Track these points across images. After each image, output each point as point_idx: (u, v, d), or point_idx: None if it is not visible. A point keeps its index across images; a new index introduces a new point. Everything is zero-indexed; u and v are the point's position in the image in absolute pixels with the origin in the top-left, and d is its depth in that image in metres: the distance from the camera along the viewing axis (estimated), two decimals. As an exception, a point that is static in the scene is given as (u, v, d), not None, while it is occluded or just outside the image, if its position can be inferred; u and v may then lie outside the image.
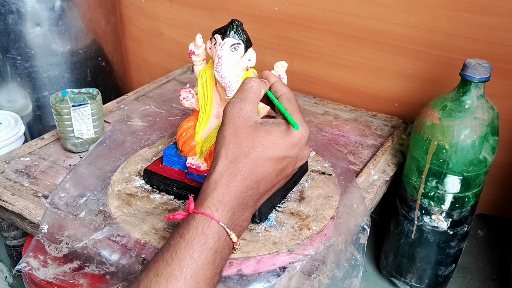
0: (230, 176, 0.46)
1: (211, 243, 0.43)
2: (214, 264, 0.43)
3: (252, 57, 0.61)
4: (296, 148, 0.48)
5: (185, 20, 1.27)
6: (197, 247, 0.43)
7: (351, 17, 1.03)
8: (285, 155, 0.47)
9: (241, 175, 0.46)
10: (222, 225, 0.44)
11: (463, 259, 1.06)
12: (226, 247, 0.45)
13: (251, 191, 0.46)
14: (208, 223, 0.44)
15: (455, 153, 0.77)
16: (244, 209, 0.46)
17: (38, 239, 0.64)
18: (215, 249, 0.44)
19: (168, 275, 0.42)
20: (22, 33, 1.13)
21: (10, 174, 0.82)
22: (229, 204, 0.45)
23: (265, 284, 0.59)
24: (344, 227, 0.67)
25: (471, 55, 0.83)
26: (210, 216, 0.44)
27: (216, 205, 0.45)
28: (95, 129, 0.87)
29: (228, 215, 0.45)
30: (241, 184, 0.45)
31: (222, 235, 0.44)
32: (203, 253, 0.43)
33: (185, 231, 0.44)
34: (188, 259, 0.43)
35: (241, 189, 0.45)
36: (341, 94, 1.13)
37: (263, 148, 0.46)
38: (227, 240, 0.45)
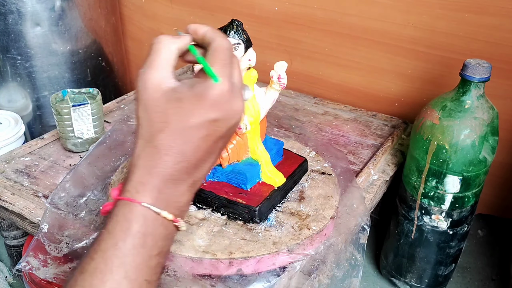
0: (148, 155, 0.42)
1: (135, 227, 0.40)
2: (145, 247, 0.40)
3: (252, 57, 0.61)
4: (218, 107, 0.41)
5: (185, 20, 1.27)
6: (119, 235, 0.40)
7: (351, 17, 1.03)
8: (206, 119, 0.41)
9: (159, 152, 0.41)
10: (145, 205, 0.40)
11: (463, 259, 1.06)
12: (159, 227, 0.41)
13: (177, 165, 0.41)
14: (129, 206, 0.41)
15: (455, 153, 0.77)
16: (175, 184, 0.42)
17: (38, 238, 0.64)
18: (142, 232, 0.40)
19: (92, 270, 0.39)
20: (22, 33, 1.13)
21: (10, 174, 0.82)
22: (151, 183, 0.41)
23: (265, 284, 0.59)
24: (344, 227, 0.67)
25: (471, 55, 0.83)
26: (130, 199, 0.41)
27: (136, 187, 0.41)
28: (95, 129, 0.87)
29: (152, 194, 0.41)
30: (161, 161, 0.41)
31: (149, 215, 0.41)
32: (128, 239, 0.40)
33: (108, 221, 0.42)
34: (111, 250, 0.40)
35: (163, 165, 0.41)
36: (341, 94, 1.13)
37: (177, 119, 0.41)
38: (159, 219, 0.41)
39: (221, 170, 0.66)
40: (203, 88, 0.41)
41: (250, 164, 0.66)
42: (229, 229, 0.63)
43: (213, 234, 0.62)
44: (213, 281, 0.59)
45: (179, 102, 0.41)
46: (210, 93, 0.40)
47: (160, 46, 0.44)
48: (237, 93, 0.42)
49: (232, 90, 0.41)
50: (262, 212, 0.64)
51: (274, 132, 0.95)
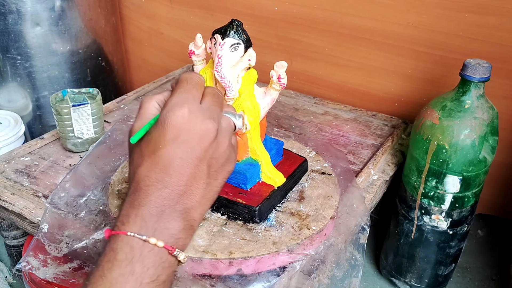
0: (132, 191, 0.44)
1: (121, 255, 0.41)
2: (134, 274, 0.40)
3: (252, 57, 0.61)
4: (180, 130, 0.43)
5: (185, 20, 1.27)
6: (106, 265, 0.41)
7: (351, 17, 1.03)
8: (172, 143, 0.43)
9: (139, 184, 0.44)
10: (130, 234, 0.41)
11: (463, 259, 1.06)
12: (147, 254, 0.41)
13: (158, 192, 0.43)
14: (115, 238, 0.42)
15: (455, 153, 0.77)
16: (161, 211, 0.43)
17: (38, 238, 0.64)
18: (129, 260, 0.41)
19: None
20: (22, 33, 1.13)
21: (10, 174, 0.82)
22: (134, 214, 0.43)
23: (265, 284, 0.59)
24: (344, 227, 0.67)
25: (471, 55, 0.83)
26: (116, 232, 0.42)
27: (122, 220, 0.43)
28: (95, 129, 0.87)
29: (136, 224, 0.42)
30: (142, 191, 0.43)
31: (135, 243, 0.41)
32: (114, 268, 0.40)
33: (98, 257, 0.43)
34: (99, 281, 0.40)
35: (143, 196, 0.43)
36: (341, 94, 1.13)
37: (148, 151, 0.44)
38: (146, 246, 0.41)
39: (221, 170, 0.66)
40: (163, 116, 0.43)
41: (250, 164, 0.66)
42: (229, 229, 0.63)
43: (213, 234, 0.62)
44: (213, 281, 0.59)
45: (149, 135, 0.44)
46: (170, 119, 0.43)
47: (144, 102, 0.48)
48: (201, 114, 0.44)
49: (193, 112, 0.44)
50: (262, 212, 0.64)
51: (274, 132, 0.95)
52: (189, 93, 0.45)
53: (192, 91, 0.46)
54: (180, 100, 0.44)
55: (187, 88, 0.46)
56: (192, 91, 0.46)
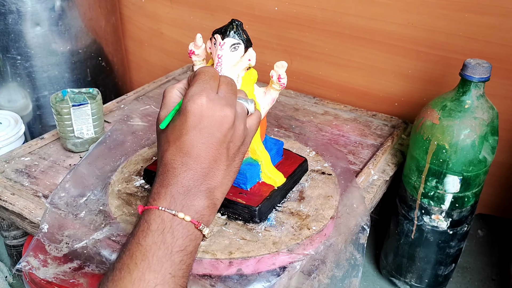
0: (160, 172, 0.50)
1: (154, 226, 0.46)
2: (165, 243, 0.46)
3: (252, 57, 0.61)
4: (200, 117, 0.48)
5: (185, 20, 1.27)
6: (141, 234, 0.46)
7: (351, 17, 1.03)
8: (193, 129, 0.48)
9: (167, 166, 0.49)
10: (161, 208, 0.47)
11: (463, 259, 1.06)
12: (176, 226, 0.47)
13: (183, 174, 0.48)
14: (148, 212, 0.48)
15: (455, 153, 0.77)
16: (187, 190, 0.48)
17: (38, 238, 0.64)
18: (160, 230, 0.46)
19: (121, 266, 0.45)
20: (22, 33, 1.13)
21: (10, 174, 0.82)
22: (164, 192, 0.48)
23: (265, 283, 0.59)
24: (344, 227, 0.67)
25: (471, 55, 0.83)
26: (149, 207, 0.48)
27: (153, 197, 0.48)
28: (95, 129, 0.87)
29: (166, 200, 0.48)
30: (170, 173, 0.49)
31: (166, 216, 0.47)
32: (148, 237, 0.46)
33: (133, 229, 0.48)
34: (135, 247, 0.46)
35: (171, 176, 0.48)
36: (341, 94, 1.13)
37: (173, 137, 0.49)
38: (175, 220, 0.47)
39: (221, 170, 0.66)
40: (184, 105, 0.49)
41: (250, 164, 0.66)
42: (229, 229, 0.63)
43: (213, 234, 0.62)
44: (213, 281, 0.59)
45: (173, 123, 0.50)
46: (191, 107, 0.48)
47: (167, 91, 0.53)
48: (219, 102, 0.49)
49: (212, 100, 0.48)
50: (262, 212, 0.64)
51: (274, 132, 0.95)
52: (206, 83, 0.50)
53: (210, 82, 0.50)
54: (198, 90, 0.49)
55: (205, 79, 0.50)
56: (209, 82, 0.50)
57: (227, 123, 0.49)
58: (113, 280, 0.44)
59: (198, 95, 0.48)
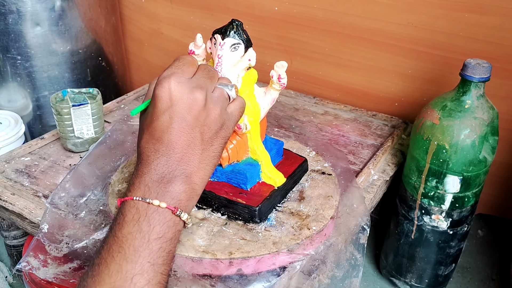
0: (137, 163, 0.50)
1: (129, 216, 0.46)
2: (141, 232, 0.45)
3: (252, 57, 0.61)
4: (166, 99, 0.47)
5: (185, 20, 1.27)
6: (116, 226, 0.46)
7: (351, 17, 1.03)
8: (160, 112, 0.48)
9: (141, 155, 0.49)
10: (135, 198, 0.46)
11: (463, 259, 1.06)
12: (152, 213, 0.46)
13: (157, 160, 0.48)
14: (123, 204, 0.47)
15: (455, 153, 0.77)
16: (161, 177, 0.47)
17: (38, 238, 0.64)
18: (136, 220, 0.45)
19: (99, 261, 0.44)
20: (22, 33, 1.13)
21: (10, 174, 0.82)
22: (137, 182, 0.48)
23: (265, 284, 0.59)
24: (344, 227, 0.67)
25: (471, 55, 0.83)
26: (125, 199, 0.47)
27: (129, 188, 0.48)
28: (95, 129, 0.87)
29: (140, 189, 0.47)
30: (143, 161, 0.48)
31: (140, 206, 0.46)
32: (124, 228, 0.45)
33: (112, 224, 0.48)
34: (111, 240, 0.45)
35: (144, 164, 0.48)
36: (341, 94, 1.13)
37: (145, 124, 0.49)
38: (151, 207, 0.46)
39: (221, 170, 0.66)
40: (154, 91, 0.48)
41: (250, 164, 0.66)
42: (229, 229, 0.63)
43: (213, 234, 0.62)
44: (213, 281, 0.59)
45: (147, 110, 0.50)
46: (159, 91, 0.48)
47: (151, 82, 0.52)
48: (187, 85, 0.48)
49: (180, 83, 0.48)
50: (262, 212, 0.64)
51: (274, 132, 0.95)
52: (178, 68, 0.49)
53: (182, 67, 0.50)
54: (167, 74, 0.48)
55: (177, 65, 0.50)
56: (181, 67, 0.50)
57: (197, 106, 0.48)
58: (92, 276, 0.44)
59: (167, 79, 0.48)
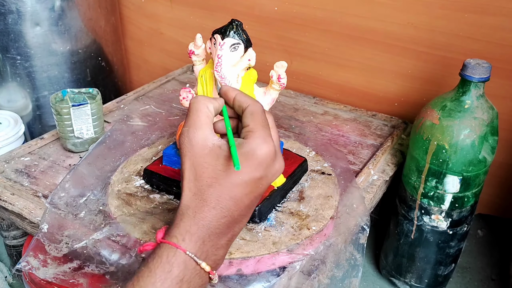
0: (196, 207, 0.45)
1: (176, 272, 0.43)
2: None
3: (252, 57, 0.61)
4: (263, 167, 0.44)
5: (185, 20, 1.27)
6: (160, 275, 0.42)
7: (351, 17, 1.03)
8: (252, 177, 0.44)
9: (208, 206, 0.44)
10: (189, 254, 0.43)
11: (462, 259, 1.06)
12: (196, 276, 0.44)
13: (222, 219, 0.44)
14: (174, 252, 0.43)
15: (455, 153, 0.77)
16: (217, 237, 0.45)
17: (38, 238, 0.64)
18: (180, 278, 0.43)
19: None
20: (22, 33, 1.13)
21: (10, 174, 0.82)
22: (197, 234, 0.44)
23: (265, 284, 0.59)
24: (344, 227, 0.67)
25: (471, 55, 0.83)
26: (175, 245, 0.43)
27: (183, 235, 0.44)
28: (95, 129, 0.87)
29: (196, 244, 0.44)
30: (209, 214, 0.44)
31: (190, 264, 0.43)
32: (167, 281, 0.42)
33: (149, 260, 0.44)
34: (149, 287, 0.42)
35: (209, 218, 0.44)
36: (341, 94, 1.13)
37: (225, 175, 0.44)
38: (197, 269, 0.44)
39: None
40: (251, 148, 0.44)
41: (250, 164, 0.66)
42: (229, 229, 0.63)
43: (213, 234, 0.62)
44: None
45: (227, 160, 0.44)
46: (258, 154, 0.44)
47: (199, 105, 0.47)
48: (279, 153, 0.46)
49: (275, 151, 0.45)
50: (262, 212, 0.64)
51: (274, 132, 0.95)
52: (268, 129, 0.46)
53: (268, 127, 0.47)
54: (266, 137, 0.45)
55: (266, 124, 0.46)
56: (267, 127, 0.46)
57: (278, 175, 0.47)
58: None
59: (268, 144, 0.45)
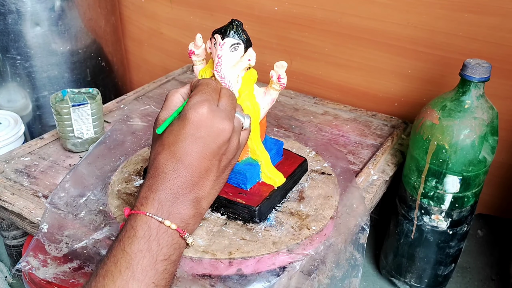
0: (150, 175, 0.50)
1: (140, 233, 0.46)
2: (151, 251, 0.45)
3: (252, 57, 0.61)
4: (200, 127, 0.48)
5: (185, 20, 1.27)
6: (126, 240, 0.46)
7: (351, 17, 1.03)
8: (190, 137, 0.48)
9: (158, 171, 0.49)
10: (148, 214, 0.47)
11: (462, 259, 1.06)
12: (162, 234, 0.47)
13: (173, 180, 0.48)
14: (135, 217, 0.47)
15: (455, 153, 0.77)
16: (175, 197, 0.48)
17: (38, 238, 0.64)
18: (147, 237, 0.46)
19: (104, 273, 0.45)
20: (22, 33, 1.13)
21: (10, 174, 0.82)
22: (152, 197, 0.48)
23: (265, 283, 0.59)
24: (344, 227, 0.67)
25: (471, 55, 0.83)
26: (135, 212, 0.48)
27: (141, 201, 0.48)
28: (95, 129, 0.87)
29: (154, 205, 0.47)
30: (160, 177, 0.48)
31: (153, 223, 0.47)
32: (134, 244, 0.45)
33: (119, 233, 0.48)
34: (120, 254, 0.45)
35: (161, 181, 0.48)
36: (341, 94, 1.13)
37: (169, 141, 0.49)
38: (162, 227, 0.47)
39: (221, 170, 0.66)
40: (185, 112, 0.49)
41: (250, 164, 0.66)
42: (229, 229, 0.63)
43: (213, 234, 0.62)
44: (213, 281, 0.59)
45: (171, 127, 0.50)
46: (191, 115, 0.48)
47: (170, 94, 0.54)
48: (219, 114, 0.49)
49: (213, 111, 0.49)
50: (262, 212, 0.64)
51: (274, 132, 0.95)
52: (209, 94, 0.50)
53: (212, 94, 0.51)
54: (201, 99, 0.49)
55: (207, 90, 0.51)
56: (211, 94, 0.51)
57: (224, 136, 0.49)
58: (96, 287, 0.44)
59: (200, 104, 0.49)
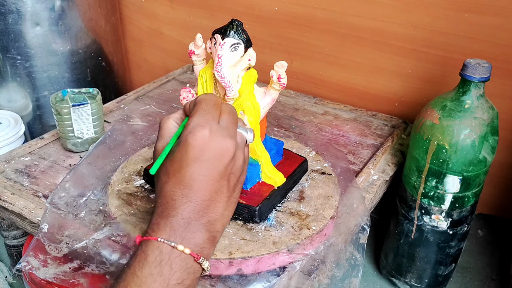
0: (160, 203, 0.48)
1: (151, 257, 0.45)
2: (162, 275, 0.45)
3: (252, 57, 0.61)
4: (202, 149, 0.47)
5: (185, 20, 1.27)
6: (137, 265, 0.45)
7: (351, 17, 1.03)
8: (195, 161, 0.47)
9: (166, 198, 0.48)
10: (160, 240, 0.46)
11: (463, 259, 1.06)
12: (175, 259, 0.46)
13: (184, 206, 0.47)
14: (146, 243, 0.47)
15: (455, 153, 0.77)
16: (187, 223, 0.47)
17: (38, 238, 0.64)
18: (158, 262, 0.45)
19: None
20: (22, 33, 1.13)
21: (10, 174, 0.82)
22: (163, 223, 0.47)
23: (265, 283, 0.59)
24: (344, 227, 0.67)
25: (471, 55, 0.83)
26: (147, 238, 0.47)
27: (153, 228, 0.47)
28: (95, 128, 0.87)
29: (166, 231, 0.47)
30: (170, 205, 0.48)
31: (164, 248, 0.46)
32: (145, 267, 0.45)
33: (129, 260, 0.47)
34: (130, 277, 0.45)
35: (171, 208, 0.47)
36: (341, 94, 1.13)
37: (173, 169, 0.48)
38: (174, 252, 0.46)
39: (221, 170, 0.66)
40: (185, 137, 0.47)
41: (250, 164, 0.66)
42: (229, 229, 0.63)
43: (213, 234, 0.62)
44: (213, 281, 0.59)
45: (172, 154, 0.48)
46: (192, 140, 0.47)
47: (162, 121, 0.52)
48: (221, 133, 0.48)
49: (213, 132, 0.47)
50: (262, 212, 0.64)
51: (274, 132, 0.95)
52: (208, 113, 0.49)
53: (211, 112, 0.49)
54: (200, 121, 0.48)
55: (206, 109, 0.49)
56: (211, 112, 0.49)
57: (228, 155, 0.48)
58: None
59: (200, 128, 0.47)
